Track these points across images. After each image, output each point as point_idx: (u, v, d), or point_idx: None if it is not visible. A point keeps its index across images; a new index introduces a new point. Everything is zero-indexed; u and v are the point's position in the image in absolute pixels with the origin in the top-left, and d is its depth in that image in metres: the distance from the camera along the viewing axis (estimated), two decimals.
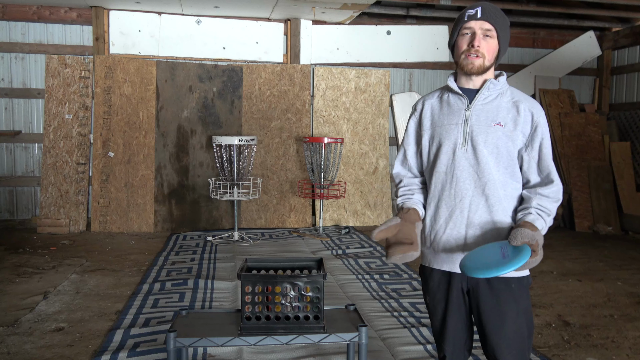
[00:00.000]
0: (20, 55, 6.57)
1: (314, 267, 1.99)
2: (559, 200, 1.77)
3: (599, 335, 3.37)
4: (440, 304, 1.88)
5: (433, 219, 1.86)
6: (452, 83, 1.87)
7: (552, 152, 1.82)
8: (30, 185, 6.66)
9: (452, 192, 1.81)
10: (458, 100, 1.85)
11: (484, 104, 1.82)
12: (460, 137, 1.81)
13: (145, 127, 6.57)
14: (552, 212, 1.76)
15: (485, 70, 1.80)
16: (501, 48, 1.81)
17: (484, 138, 1.78)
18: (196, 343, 1.76)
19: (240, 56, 7.00)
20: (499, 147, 1.77)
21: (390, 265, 4.96)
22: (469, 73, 1.81)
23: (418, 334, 3.25)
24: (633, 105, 7.81)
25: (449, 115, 1.85)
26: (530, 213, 1.73)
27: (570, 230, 7.07)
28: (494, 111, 1.80)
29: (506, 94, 1.83)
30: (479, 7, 1.78)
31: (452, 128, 1.83)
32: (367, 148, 7.23)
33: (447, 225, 1.82)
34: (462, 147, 1.80)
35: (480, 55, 1.77)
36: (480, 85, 1.83)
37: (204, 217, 6.70)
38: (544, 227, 1.72)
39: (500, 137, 1.77)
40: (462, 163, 1.80)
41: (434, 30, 7.54)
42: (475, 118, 1.80)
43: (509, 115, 1.79)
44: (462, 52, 1.80)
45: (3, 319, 3.46)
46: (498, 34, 1.78)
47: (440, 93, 1.93)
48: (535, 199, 1.75)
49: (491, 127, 1.78)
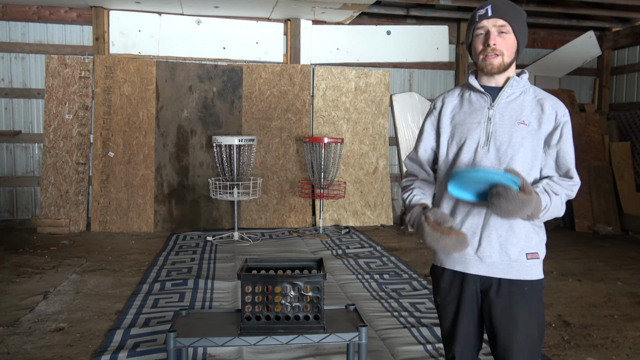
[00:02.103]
0: (20, 55, 6.57)
1: (314, 267, 1.99)
2: (572, 192, 1.74)
3: (599, 335, 3.36)
4: (451, 305, 1.85)
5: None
6: (473, 81, 1.82)
7: (573, 154, 1.76)
8: (30, 185, 6.66)
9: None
10: (480, 99, 1.81)
11: (507, 102, 1.77)
12: (483, 137, 1.76)
13: (145, 127, 6.57)
14: (560, 195, 1.70)
15: (506, 67, 1.75)
16: (520, 42, 1.76)
17: (508, 137, 1.73)
18: (196, 343, 1.76)
19: (240, 56, 7.00)
20: (524, 147, 1.73)
21: (390, 265, 4.96)
22: (490, 74, 1.77)
23: (418, 334, 3.25)
24: (633, 105, 7.81)
25: (471, 113, 1.80)
26: (537, 187, 1.69)
27: (570, 230, 7.07)
28: (518, 109, 1.76)
29: (529, 91, 1.79)
30: (489, 5, 1.74)
31: (474, 127, 1.78)
32: (367, 148, 7.23)
33: (463, 225, 1.77)
34: (484, 147, 1.76)
35: (498, 54, 1.73)
36: (502, 83, 1.79)
37: (204, 217, 6.70)
38: (547, 205, 1.66)
39: (525, 137, 1.73)
40: (484, 163, 1.75)
41: (434, 30, 7.54)
42: (499, 117, 1.76)
43: (533, 113, 1.75)
44: (480, 52, 1.76)
45: (3, 319, 3.46)
46: (513, 29, 1.73)
47: (461, 91, 1.88)
48: (545, 180, 1.72)
49: (515, 125, 1.74)
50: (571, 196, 1.76)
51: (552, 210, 1.69)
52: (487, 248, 1.75)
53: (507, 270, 1.75)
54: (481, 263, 1.77)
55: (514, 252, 1.74)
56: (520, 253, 1.74)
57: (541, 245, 1.79)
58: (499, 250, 1.74)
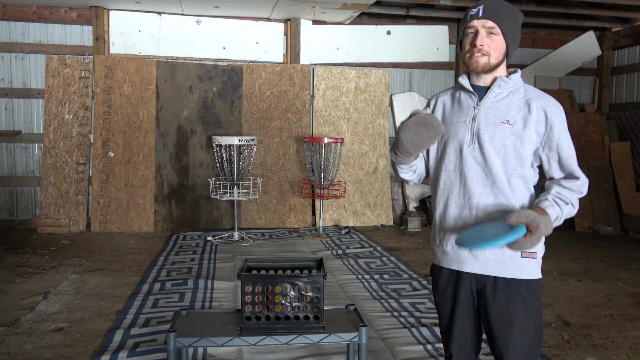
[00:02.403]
0: (20, 55, 6.57)
1: (314, 267, 1.99)
2: (582, 193, 1.75)
3: (599, 335, 3.36)
4: (448, 304, 1.87)
5: (442, 217, 1.85)
6: (464, 80, 1.85)
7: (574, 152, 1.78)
8: (30, 185, 6.66)
9: (462, 190, 1.80)
10: (468, 98, 1.84)
11: (493, 102, 1.79)
12: (468, 135, 1.79)
13: (145, 127, 6.57)
14: (572, 202, 1.72)
15: (492, 68, 1.77)
16: (509, 44, 1.78)
17: (491, 136, 1.76)
18: (196, 343, 1.76)
19: (240, 56, 7.00)
20: (506, 146, 1.75)
21: (390, 265, 4.96)
22: (475, 72, 1.79)
23: (418, 334, 3.25)
24: (633, 105, 7.81)
25: (459, 113, 1.84)
26: (547, 199, 1.71)
27: (570, 230, 7.07)
28: (504, 109, 1.78)
29: (519, 91, 1.80)
30: (481, 5, 1.76)
31: (460, 126, 1.82)
32: (367, 148, 7.23)
33: (457, 223, 1.81)
34: (469, 145, 1.79)
35: (484, 54, 1.75)
36: (490, 83, 1.81)
37: (204, 217, 6.70)
38: (559, 216, 1.69)
39: (508, 136, 1.74)
40: (470, 161, 1.78)
41: (434, 30, 7.54)
42: (484, 116, 1.78)
43: (520, 113, 1.76)
44: (467, 51, 1.78)
45: (3, 319, 3.46)
46: (503, 31, 1.75)
47: (453, 90, 1.92)
48: (554, 188, 1.74)
49: (499, 125, 1.76)
50: (583, 195, 1.76)
51: (565, 217, 1.73)
52: None
53: (502, 268, 1.76)
54: (476, 261, 1.78)
55: (509, 250, 1.74)
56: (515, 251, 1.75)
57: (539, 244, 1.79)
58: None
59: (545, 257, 1.83)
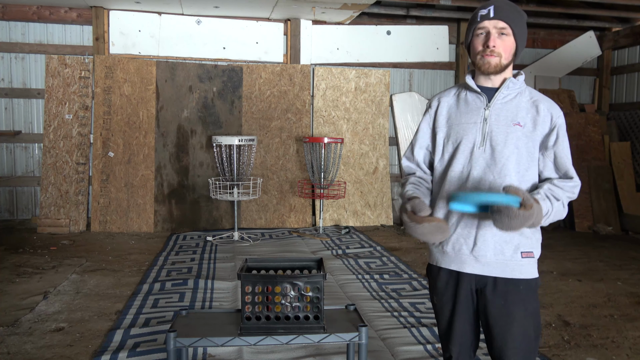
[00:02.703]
0: (20, 55, 6.57)
1: (314, 267, 1.99)
2: (573, 194, 1.74)
3: (599, 335, 3.37)
4: (447, 304, 1.86)
5: (445, 217, 1.83)
6: (470, 81, 1.84)
7: (570, 154, 1.78)
8: (30, 185, 6.66)
9: (468, 191, 1.77)
10: (476, 99, 1.82)
11: (503, 103, 1.79)
12: (479, 137, 1.78)
13: (145, 127, 6.57)
14: (562, 200, 1.72)
15: (503, 69, 1.77)
16: (518, 45, 1.78)
17: (504, 138, 1.75)
18: (196, 343, 1.76)
19: (240, 56, 7.00)
20: (519, 148, 1.74)
21: (390, 265, 4.96)
22: (486, 73, 1.78)
23: (418, 334, 3.25)
24: (633, 105, 7.81)
25: (467, 113, 1.82)
26: (539, 193, 1.70)
27: (570, 230, 7.07)
28: (514, 111, 1.77)
29: (525, 93, 1.81)
30: (491, 6, 1.75)
31: (470, 127, 1.80)
32: (367, 148, 7.23)
33: (459, 224, 1.79)
34: (480, 147, 1.77)
35: (496, 55, 1.74)
36: (499, 84, 1.80)
37: (204, 217, 6.70)
38: (549, 211, 1.67)
39: (520, 138, 1.74)
40: (480, 163, 1.77)
41: (434, 30, 7.54)
42: (495, 117, 1.77)
43: (529, 115, 1.76)
44: (478, 52, 1.77)
45: (3, 319, 3.46)
46: (514, 31, 1.75)
47: (457, 90, 1.89)
48: (547, 185, 1.73)
49: (510, 127, 1.75)
50: (573, 197, 1.76)
51: (554, 215, 1.71)
52: (482, 247, 1.76)
53: (503, 269, 1.76)
54: (476, 262, 1.78)
55: (509, 250, 1.75)
56: (515, 252, 1.76)
57: (537, 244, 1.81)
58: (494, 249, 1.75)
59: (545, 257, 1.85)
